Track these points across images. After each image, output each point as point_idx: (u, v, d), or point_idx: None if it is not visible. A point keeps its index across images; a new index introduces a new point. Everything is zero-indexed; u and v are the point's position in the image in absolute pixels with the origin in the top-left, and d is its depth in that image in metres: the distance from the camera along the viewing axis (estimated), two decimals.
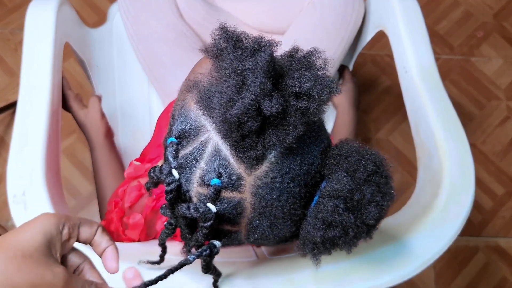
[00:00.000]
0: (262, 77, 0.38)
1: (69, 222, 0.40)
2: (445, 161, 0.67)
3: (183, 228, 0.47)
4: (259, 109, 0.38)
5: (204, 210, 0.42)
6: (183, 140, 0.44)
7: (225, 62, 0.41)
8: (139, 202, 0.70)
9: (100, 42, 1.00)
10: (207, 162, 0.43)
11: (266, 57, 0.39)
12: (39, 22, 0.74)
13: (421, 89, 0.74)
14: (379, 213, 0.44)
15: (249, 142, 0.40)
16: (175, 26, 0.95)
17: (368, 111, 1.45)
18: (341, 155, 0.45)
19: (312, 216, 0.44)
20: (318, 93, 0.40)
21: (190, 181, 0.44)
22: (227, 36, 0.42)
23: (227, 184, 0.42)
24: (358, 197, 0.43)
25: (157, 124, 0.88)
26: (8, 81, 1.39)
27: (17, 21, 1.45)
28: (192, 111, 0.45)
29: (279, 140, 0.40)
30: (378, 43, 1.49)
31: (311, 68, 0.41)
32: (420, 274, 0.58)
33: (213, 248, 0.45)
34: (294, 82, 0.40)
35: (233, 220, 0.44)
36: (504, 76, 1.52)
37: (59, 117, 0.75)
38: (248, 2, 1.04)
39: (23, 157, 0.63)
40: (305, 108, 0.40)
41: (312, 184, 0.44)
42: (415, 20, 0.81)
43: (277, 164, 0.42)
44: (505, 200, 1.38)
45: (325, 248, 0.44)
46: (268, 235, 0.46)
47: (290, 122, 0.40)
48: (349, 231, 0.43)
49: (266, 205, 0.43)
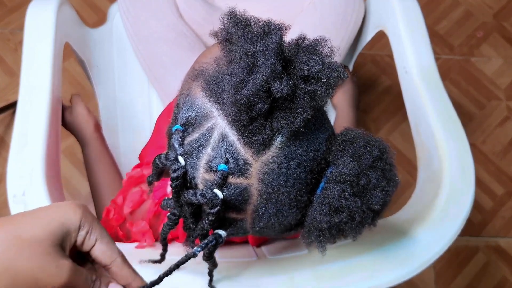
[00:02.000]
0: (273, 59, 0.39)
1: (91, 226, 0.37)
2: (445, 161, 0.67)
3: (187, 218, 0.46)
4: (269, 91, 0.39)
5: (211, 195, 0.42)
6: (189, 127, 0.44)
7: (235, 45, 0.41)
8: (140, 209, 0.69)
9: (100, 42, 1.00)
10: (214, 148, 0.43)
11: (276, 39, 0.40)
12: (39, 22, 0.74)
13: (421, 89, 0.74)
14: (385, 198, 0.44)
15: (257, 125, 0.41)
16: (175, 26, 0.95)
17: (368, 111, 1.45)
18: (346, 141, 0.45)
19: (319, 202, 0.44)
20: (327, 76, 0.40)
21: (196, 168, 0.44)
22: (237, 20, 0.43)
23: (234, 169, 0.42)
24: (364, 182, 0.43)
25: (156, 125, 0.87)
26: (8, 81, 1.39)
27: (17, 21, 1.45)
28: (198, 98, 0.45)
29: (287, 124, 0.40)
30: (378, 43, 1.49)
31: (319, 53, 0.41)
32: (420, 274, 0.58)
33: (218, 238, 0.45)
34: (303, 66, 0.40)
35: (239, 207, 0.44)
36: (504, 76, 1.52)
37: (59, 117, 0.75)
38: (248, 2, 1.04)
39: (23, 157, 0.62)
40: (313, 92, 0.40)
41: (318, 170, 0.45)
42: (415, 20, 0.81)
43: (283, 149, 0.42)
44: (505, 200, 1.38)
45: (331, 234, 0.44)
46: (273, 222, 0.45)
47: (299, 105, 0.40)
48: (356, 216, 0.43)
49: (273, 191, 0.43)
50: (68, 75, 1.39)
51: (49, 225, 0.35)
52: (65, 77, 1.37)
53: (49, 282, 0.34)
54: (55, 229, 0.35)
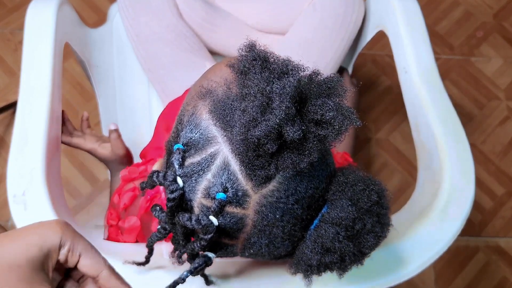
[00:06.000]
0: (288, 102, 0.38)
1: (72, 242, 0.37)
2: (445, 161, 0.67)
3: (178, 236, 0.46)
4: (280, 132, 0.38)
5: (206, 222, 0.42)
6: (191, 149, 0.44)
7: (251, 81, 0.40)
8: (133, 205, 0.69)
9: (100, 42, 1.00)
10: (215, 175, 0.42)
11: (293, 82, 0.39)
12: (39, 22, 0.74)
13: (421, 89, 0.74)
14: (376, 243, 0.45)
15: (262, 162, 0.40)
16: (175, 27, 0.95)
17: (368, 111, 1.45)
18: (347, 183, 0.45)
19: (312, 239, 0.44)
20: (339, 123, 0.39)
21: (194, 191, 0.43)
22: (255, 55, 0.42)
23: (232, 199, 0.42)
24: (359, 227, 0.43)
25: (157, 125, 0.87)
26: (8, 81, 1.39)
27: (17, 21, 1.45)
28: (204, 120, 0.44)
29: (293, 164, 0.40)
30: (378, 43, 1.49)
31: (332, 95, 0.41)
32: (420, 274, 0.58)
33: (207, 260, 0.45)
34: (316, 110, 0.39)
35: (232, 235, 0.44)
36: (504, 76, 1.52)
37: (59, 117, 0.75)
38: (248, 2, 1.04)
39: (23, 157, 0.62)
40: (323, 136, 0.40)
41: (315, 207, 0.45)
42: (415, 20, 0.81)
43: (284, 184, 0.42)
44: (505, 200, 1.38)
45: (318, 270, 0.45)
46: (263, 252, 0.46)
47: (307, 148, 0.40)
48: (346, 258, 0.44)
49: (268, 224, 0.43)
50: (68, 75, 1.39)
51: (28, 251, 0.34)
52: (65, 77, 1.37)
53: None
54: (34, 254, 0.34)
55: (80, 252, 0.37)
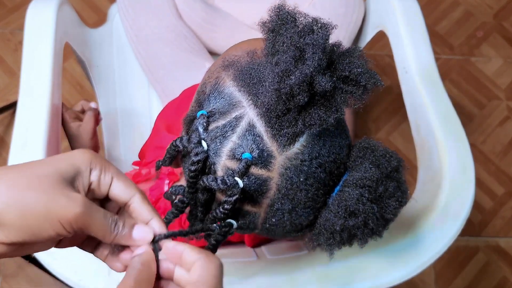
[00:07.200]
0: (321, 53, 0.39)
1: (103, 166, 0.36)
2: (445, 161, 0.67)
3: (196, 206, 0.46)
4: (311, 84, 0.39)
5: (231, 182, 0.42)
6: (215, 114, 0.45)
7: (283, 36, 0.42)
8: None
9: (100, 42, 1.00)
10: (240, 136, 0.43)
11: (324, 36, 0.41)
12: (39, 22, 0.74)
13: (421, 89, 0.74)
14: (398, 208, 0.45)
15: (290, 118, 0.41)
16: (175, 27, 0.95)
17: (368, 111, 1.45)
18: (367, 148, 0.46)
19: (335, 203, 0.44)
20: (366, 80, 0.41)
21: (218, 154, 0.43)
22: (285, 14, 0.44)
23: (258, 160, 0.42)
24: (382, 190, 0.44)
25: (155, 125, 0.87)
26: (8, 81, 1.39)
27: (17, 21, 1.45)
28: (227, 87, 0.45)
29: (320, 120, 0.41)
30: (378, 43, 1.49)
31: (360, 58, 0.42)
32: (420, 274, 0.58)
33: (230, 226, 0.45)
34: (344, 67, 0.41)
35: (255, 199, 0.44)
36: (504, 76, 1.52)
37: (59, 117, 0.75)
38: (248, 3, 1.04)
39: (23, 157, 0.63)
40: (350, 93, 0.41)
41: (337, 174, 0.45)
42: (415, 20, 0.81)
43: (308, 147, 0.43)
44: (505, 200, 1.38)
45: (341, 238, 0.44)
46: (285, 220, 0.45)
47: (334, 104, 0.41)
48: (369, 222, 0.43)
49: (291, 188, 0.43)
50: (68, 75, 1.39)
51: (58, 164, 0.34)
52: (65, 77, 1.37)
53: (61, 214, 0.33)
54: (64, 167, 0.34)
55: (112, 175, 0.37)
